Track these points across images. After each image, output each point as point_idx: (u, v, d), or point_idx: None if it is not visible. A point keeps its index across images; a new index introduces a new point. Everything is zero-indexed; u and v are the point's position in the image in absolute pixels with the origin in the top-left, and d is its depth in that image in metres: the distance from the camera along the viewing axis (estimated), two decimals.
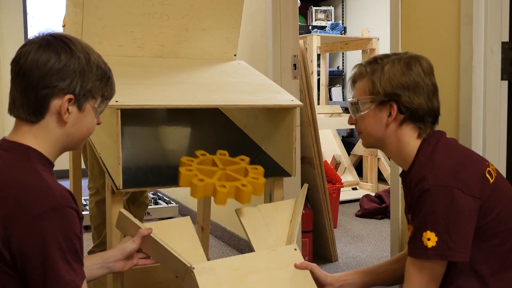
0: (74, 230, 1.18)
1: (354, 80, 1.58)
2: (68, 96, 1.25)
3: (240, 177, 1.75)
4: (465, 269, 1.43)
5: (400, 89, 1.47)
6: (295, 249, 1.65)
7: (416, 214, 1.42)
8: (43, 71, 1.22)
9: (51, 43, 1.24)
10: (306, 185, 1.84)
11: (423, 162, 1.47)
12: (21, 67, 1.23)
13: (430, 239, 1.37)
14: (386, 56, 1.54)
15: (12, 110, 1.27)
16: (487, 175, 1.45)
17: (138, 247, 1.57)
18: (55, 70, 1.23)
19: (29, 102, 1.24)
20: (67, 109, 1.25)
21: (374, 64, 1.53)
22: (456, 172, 1.40)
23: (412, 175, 1.48)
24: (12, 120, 1.29)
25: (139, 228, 1.57)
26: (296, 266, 1.61)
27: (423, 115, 1.49)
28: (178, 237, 1.61)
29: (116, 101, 1.62)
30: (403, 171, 1.58)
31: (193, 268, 1.50)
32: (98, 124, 1.37)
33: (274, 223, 1.74)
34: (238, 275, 1.54)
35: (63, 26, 3.06)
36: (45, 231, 1.13)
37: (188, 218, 1.71)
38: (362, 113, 1.54)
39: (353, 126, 1.64)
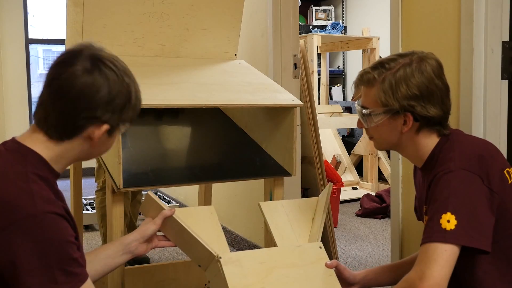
0: (60, 235, 1.14)
1: (358, 85, 1.51)
2: (106, 127, 1.24)
3: None
4: (485, 260, 1.39)
5: (414, 100, 1.42)
6: (320, 247, 1.65)
7: (436, 196, 1.37)
8: (91, 102, 1.21)
9: (102, 69, 1.22)
10: (330, 184, 1.81)
11: (449, 147, 1.43)
12: (68, 91, 1.20)
13: (450, 221, 1.32)
14: (392, 59, 1.47)
15: (42, 124, 1.23)
16: (506, 174, 1.43)
17: (159, 228, 1.56)
18: (103, 103, 1.21)
19: (65, 126, 1.22)
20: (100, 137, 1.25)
21: (382, 69, 1.45)
22: (481, 162, 1.38)
23: (436, 159, 1.44)
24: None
25: (162, 210, 1.56)
26: (327, 266, 1.60)
27: (439, 120, 1.46)
28: (201, 225, 1.60)
29: None
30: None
31: (220, 258, 1.49)
32: None
33: (297, 220, 1.74)
34: (264, 268, 1.54)
35: None
36: (17, 241, 1.10)
37: (212, 207, 1.70)
38: (375, 124, 1.49)
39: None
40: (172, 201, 4.55)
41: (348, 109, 5.74)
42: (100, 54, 1.24)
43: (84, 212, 3.73)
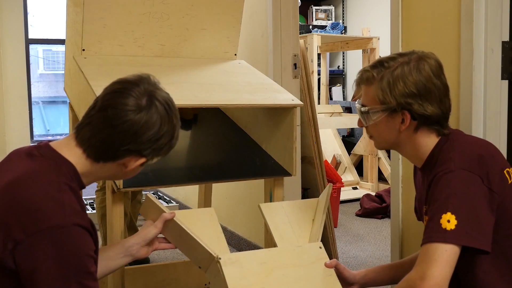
0: (82, 249, 1.16)
1: (359, 84, 1.52)
2: (142, 160, 1.29)
3: None
4: (485, 260, 1.39)
5: (412, 98, 1.42)
6: (320, 247, 1.65)
7: (436, 196, 1.37)
8: (139, 137, 1.24)
9: (157, 109, 1.26)
10: (330, 185, 1.82)
11: (449, 147, 1.44)
12: (120, 123, 1.23)
13: (450, 221, 1.32)
14: (392, 58, 1.47)
15: (84, 143, 1.26)
16: (506, 174, 1.43)
17: (160, 232, 1.57)
18: (148, 141, 1.26)
19: (106, 151, 1.26)
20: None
21: (381, 68, 1.46)
22: (481, 162, 1.39)
23: (435, 159, 1.45)
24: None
25: (162, 212, 1.57)
26: (327, 265, 1.61)
27: (437, 120, 1.46)
28: (201, 227, 1.60)
29: None
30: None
31: (220, 258, 1.50)
32: None
33: (297, 221, 1.74)
34: (264, 268, 1.54)
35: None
36: (41, 248, 1.12)
37: (212, 209, 1.70)
38: (373, 121, 1.49)
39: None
40: (172, 201, 4.54)
41: (348, 109, 5.74)
42: (156, 92, 1.29)
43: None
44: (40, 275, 1.11)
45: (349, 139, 5.85)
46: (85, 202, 4.17)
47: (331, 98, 6.46)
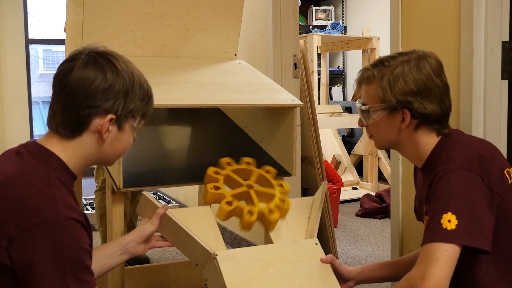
0: (77, 242, 1.16)
1: (360, 83, 1.53)
2: (110, 116, 1.25)
3: (266, 200, 1.76)
4: (485, 260, 1.40)
5: (412, 96, 1.43)
6: (316, 244, 1.66)
7: (437, 196, 1.38)
8: (88, 90, 1.22)
9: (98, 61, 1.24)
10: (325, 182, 1.83)
11: (450, 147, 1.44)
12: (66, 83, 1.23)
13: (451, 221, 1.32)
14: (392, 57, 1.48)
15: (51, 124, 1.26)
16: (506, 174, 1.44)
17: (156, 228, 1.57)
18: (100, 90, 1.23)
19: (70, 119, 1.24)
20: (108, 128, 1.26)
21: (381, 67, 1.47)
22: (481, 162, 1.39)
23: (436, 158, 1.45)
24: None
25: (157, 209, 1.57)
26: (322, 261, 1.61)
27: (437, 119, 1.46)
28: (198, 225, 1.61)
29: None
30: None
31: (216, 255, 1.50)
32: (133, 140, 1.37)
33: (293, 219, 1.75)
34: (261, 264, 1.55)
35: (64, 30, 3.07)
36: (36, 243, 1.12)
37: (208, 207, 1.70)
38: (374, 120, 1.50)
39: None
40: (172, 201, 4.55)
41: (348, 109, 5.74)
42: (99, 50, 1.27)
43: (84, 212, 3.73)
44: (36, 269, 1.11)
45: (349, 139, 5.85)
46: (85, 202, 4.16)
47: (331, 98, 6.46)
